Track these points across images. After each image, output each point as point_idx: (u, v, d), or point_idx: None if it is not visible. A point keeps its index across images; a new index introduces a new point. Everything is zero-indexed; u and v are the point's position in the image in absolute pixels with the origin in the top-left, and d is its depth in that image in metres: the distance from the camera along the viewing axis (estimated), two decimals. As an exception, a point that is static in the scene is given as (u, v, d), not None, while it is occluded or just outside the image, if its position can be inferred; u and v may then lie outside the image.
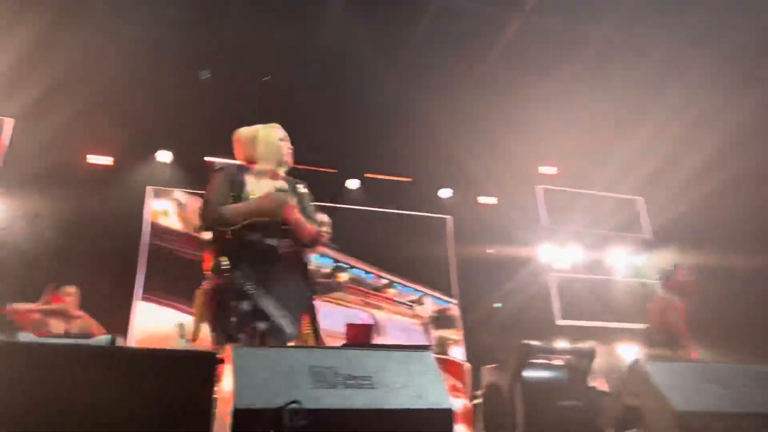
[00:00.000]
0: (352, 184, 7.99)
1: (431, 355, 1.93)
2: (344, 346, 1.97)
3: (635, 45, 7.14)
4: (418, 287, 8.07)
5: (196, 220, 3.02)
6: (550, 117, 7.95)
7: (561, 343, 2.20)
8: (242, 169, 2.88)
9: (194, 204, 7.04)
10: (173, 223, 7.11)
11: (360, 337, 5.24)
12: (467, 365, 5.76)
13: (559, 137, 8.17)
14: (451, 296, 8.21)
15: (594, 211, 8.83)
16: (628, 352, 7.97)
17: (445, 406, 1.78)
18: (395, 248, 8.05)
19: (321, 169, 7.88)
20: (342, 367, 1.79)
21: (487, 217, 8.64)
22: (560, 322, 8.41)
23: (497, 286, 8.34)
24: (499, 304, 8.18)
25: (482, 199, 8.86)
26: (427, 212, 8.58)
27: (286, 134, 3.02)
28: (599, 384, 2.89)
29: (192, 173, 7.27)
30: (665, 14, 6.60)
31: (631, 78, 7.60)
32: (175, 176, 7.43)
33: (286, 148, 2.95)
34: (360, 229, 7.66)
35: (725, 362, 2.35)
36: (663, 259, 8.39)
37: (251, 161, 2.90)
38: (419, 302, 8.05)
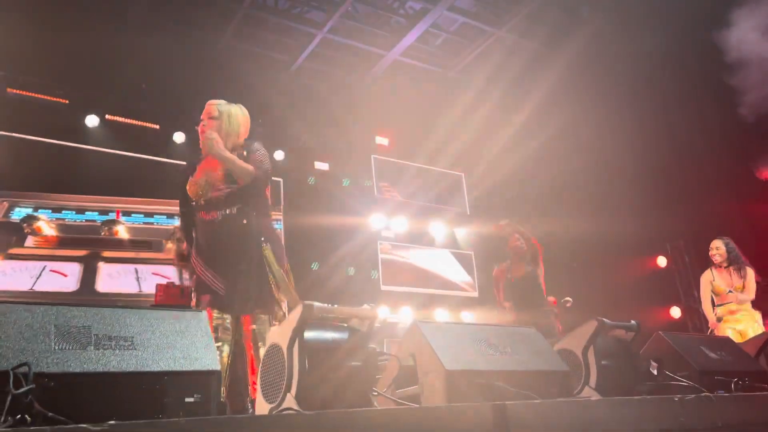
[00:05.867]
0: (179, 137, 7.53)
1: (204, 315, 1.85)
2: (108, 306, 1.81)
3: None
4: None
5: None
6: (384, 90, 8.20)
7: (344, 306, 2.23)
8: None
9: None
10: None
11: (171, 298, 4.96)
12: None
13: (391, 111, 8.45)
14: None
15: (420, 183, 9.26)
16: (443, 317, 8.56)
17: (211, 367, 1.72)
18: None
19: (144, 124, 7.43)
20: (97, 326, 1.64)
21: (320, 182, 8.66)
22: (384, 287, 8.74)
23: (328, 252, 8.41)
24: (315, 265, 8.18)
25: (317, 165, 8.84)
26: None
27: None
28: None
29: None
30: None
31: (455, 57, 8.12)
32: None
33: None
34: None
35: (494, 324, 2.55)
36: (478, 230, 9.10)
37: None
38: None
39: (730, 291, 5.08)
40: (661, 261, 7.75)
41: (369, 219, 8.82)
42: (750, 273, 5.14)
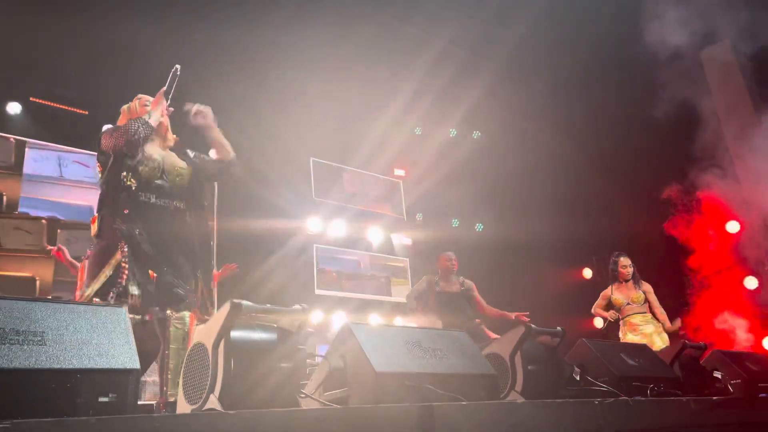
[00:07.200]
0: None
1: (124, 312, 1.76)
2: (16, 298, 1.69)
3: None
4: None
5: None
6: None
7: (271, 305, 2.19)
8: None
9: None
10: None
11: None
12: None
13: (328, 114, 8.43)
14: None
15: (358, 187, 9.26)
16: (377, 323, 8.57)
17: (128, 366, 1.64)
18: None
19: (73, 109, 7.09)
20: (4, 319, 1.54)
21: (256, 185, 8.47)
22: (319, 292, 8.66)
23: (263, 257, 8.23)
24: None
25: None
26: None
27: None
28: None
29: None
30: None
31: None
32: None
33: None
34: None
35: (426, 327, 2.56)
36: (414, 236, 9.18)
37: None
38: None
39: (628, 303, 5.48)
40: (587, 273, 8.06)
41: (306, 223, 8.73)
42: (649, 286, 5.60)
